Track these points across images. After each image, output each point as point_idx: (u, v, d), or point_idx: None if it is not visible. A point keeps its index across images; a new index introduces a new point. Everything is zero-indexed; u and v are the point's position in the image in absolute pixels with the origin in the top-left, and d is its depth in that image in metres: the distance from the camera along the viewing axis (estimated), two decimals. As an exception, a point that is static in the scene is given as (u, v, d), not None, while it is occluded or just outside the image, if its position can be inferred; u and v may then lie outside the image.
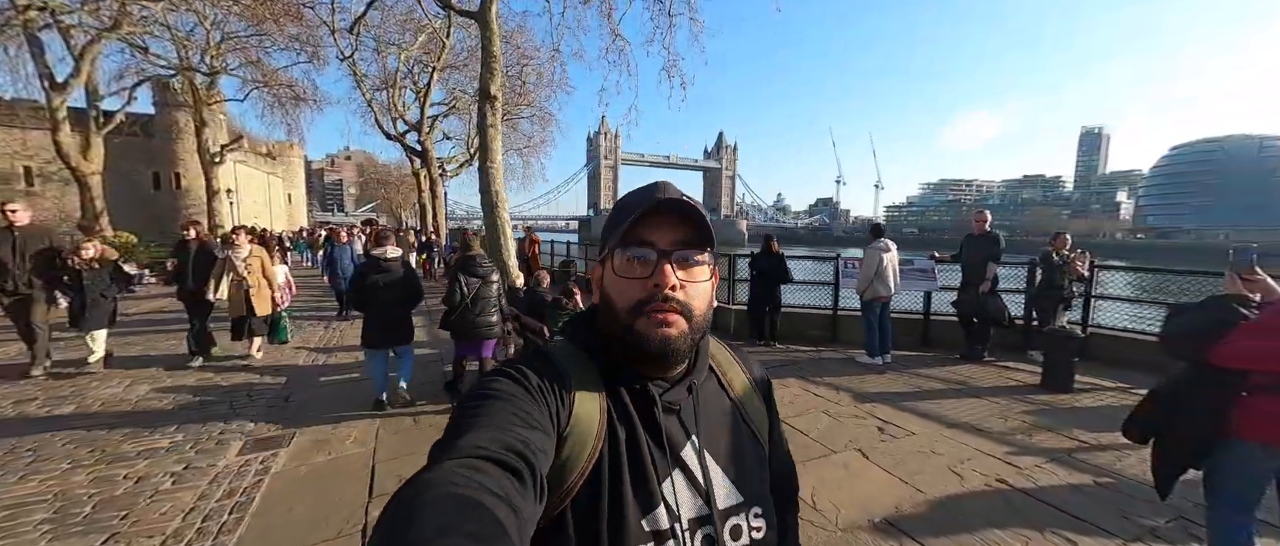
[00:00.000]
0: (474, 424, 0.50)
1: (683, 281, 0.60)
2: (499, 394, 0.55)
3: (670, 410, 0.63)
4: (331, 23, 16.23)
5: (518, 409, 0.53)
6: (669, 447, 0.61)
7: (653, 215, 0.60)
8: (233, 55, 21.07)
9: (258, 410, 4.33)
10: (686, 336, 0.60)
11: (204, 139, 23.46)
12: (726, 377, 0.73)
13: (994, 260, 5.46)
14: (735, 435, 0.68)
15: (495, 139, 9.27)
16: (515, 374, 0.58)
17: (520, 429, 0.51)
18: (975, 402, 4.24)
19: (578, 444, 0.57)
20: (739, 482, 0.64)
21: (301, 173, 57.96)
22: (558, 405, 0.57)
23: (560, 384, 0.59)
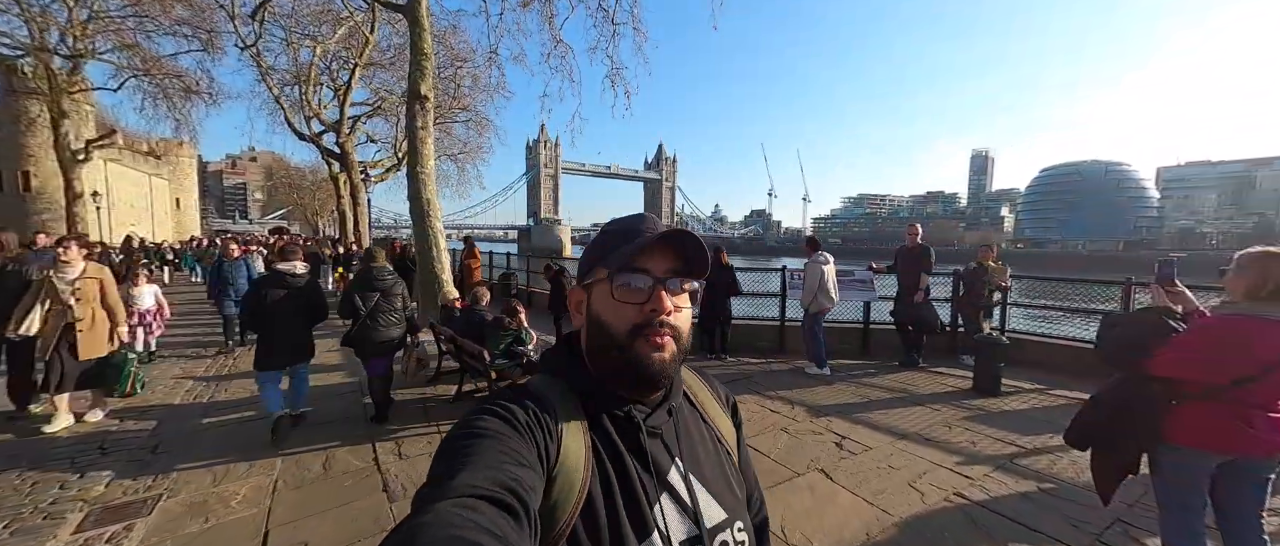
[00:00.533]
0: (464, 462, 0.49)
1: (674, 307, 0.62)
2: (486, 431, 0.54)
3: (654, 434, 0.64)
4: (231, 8, 14.45)
5: (507, 446, 0.52)
6: (656, 471, 0.61)
7: (650, 244, 0.62)
8: (103, 37, 18.13)
9: (115, 466, 3.47)
10: (676, 359, 0.63)
11: (62, 132, 19.85)
12: (697, 399, 0.76)
13: (926, 271, 5.77)
14: (713, 453, 0.70)
15: (427, 142, 8.58)
16: (501, 411, 0.57)
17: (511, 467, 0.50)
18: (919, 411, 4.37)
19: (568, 479, 0.56)
20: (722, 499, 0.66)
21: (194, 174, 51.22)
22: (546, 441, 0.56)
23: (547, 419, 0.58)
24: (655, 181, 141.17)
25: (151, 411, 4.56)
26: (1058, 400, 4.64)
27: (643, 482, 0.60)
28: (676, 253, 0.64)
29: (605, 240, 0.67)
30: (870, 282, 6.41)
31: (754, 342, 6.83)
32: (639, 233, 0.64)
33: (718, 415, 0.77)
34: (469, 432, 0.54)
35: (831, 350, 6.44)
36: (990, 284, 5.73)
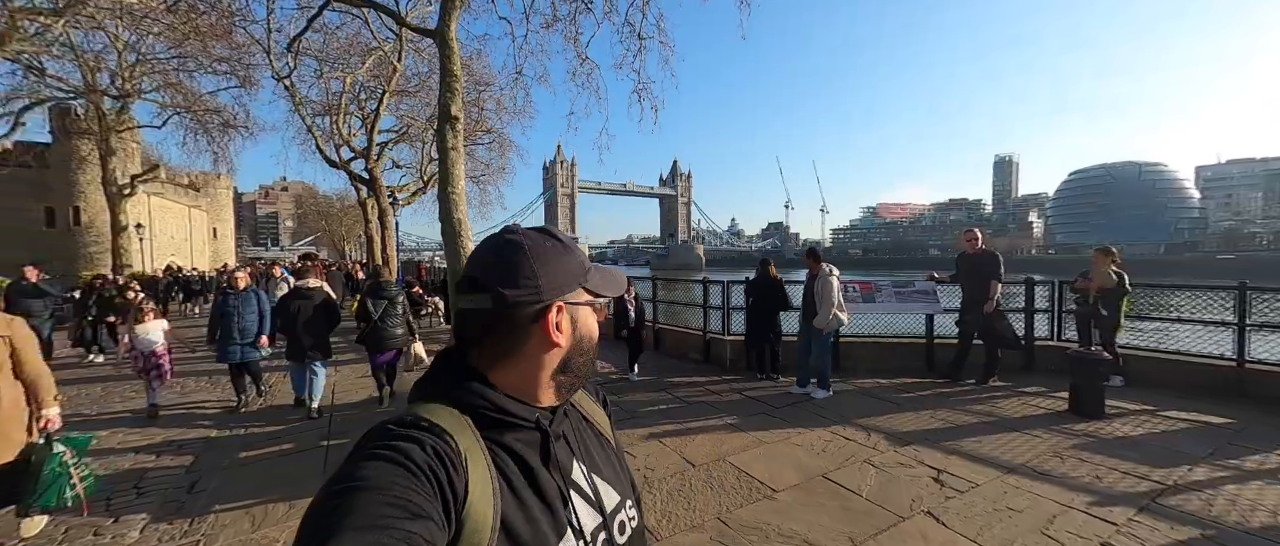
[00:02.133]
0: (342, 527, 0.42)
1: None
2: (368, 483, 0.47)
3: (557, 438, 0.65)
4: (267, 43, 14.97)
5: (395, 498, 0.46)
6: (562, 473, 0.63)
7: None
8: (149, 78, 19.06)
9: (150, 508, 3.27)
10: None
11: (111, 169, 20.83)
12: (576, 396, 0.76)
13: (995, 278, 5.29)
14: (598, 443, 0.74)
15: (457, 163, 8.49)
16: (388, 452, 0.50)
17: (402, 523, 0.44)
18: (1017, 438, 3.88)
19: (480, 515, 0.52)
20: (614, 484, 0.70)
21: (230, 205, 53.32)
22: (449, 478, 0.52)
23: (450, 454, 0.53)
24: (671, 197, 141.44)
25: (188, 445, 4.40)
26: (1175, 423, 4.10)
27: (553, 488, 0.61)
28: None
29: (573, 259, 0.66)
30: (933, 293, 5.95)
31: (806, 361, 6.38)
32: (569, 249, 0.66)
33: (592, 407, 0.79)
34: (347, 486, 0.47)
35: (896, 368, 6.00)
36: (1117, 295, 5.06)
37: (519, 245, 0.63)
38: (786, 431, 4.19)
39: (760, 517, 2.90)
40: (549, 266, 0.64)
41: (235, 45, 16.50)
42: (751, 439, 4.07)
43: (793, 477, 3.35)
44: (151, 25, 15.50)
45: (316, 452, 4.15)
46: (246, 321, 5.13)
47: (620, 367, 6.64)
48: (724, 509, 3.01)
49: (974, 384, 5.37)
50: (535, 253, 0.63)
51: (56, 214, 28.71)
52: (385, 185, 19.88)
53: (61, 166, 27.98)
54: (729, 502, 3.08)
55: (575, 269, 0.66)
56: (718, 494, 3.19)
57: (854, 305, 6.14)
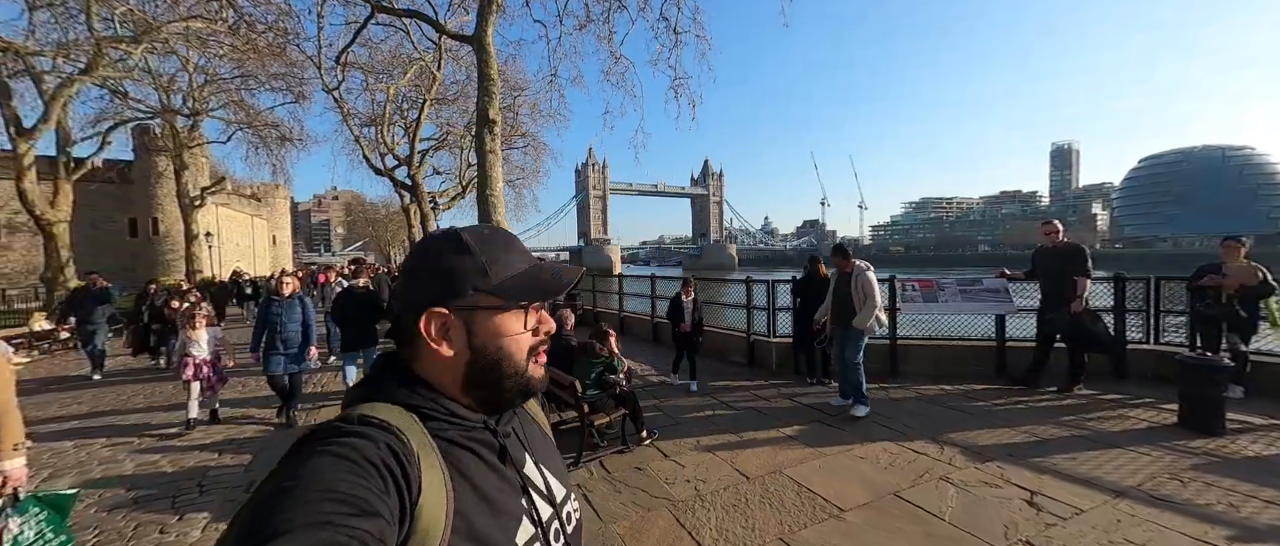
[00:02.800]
0: (283, 523, 0.41)
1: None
2: (315, 479, 0.45)
3: (507, 435, 0.66)
4: (318, 59, 15.75)
5: (342, 494, 0.44)
6: (516, 467, 0.64)
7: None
8: (215, 97, 20.52)
9: (211, 506, 3.35)
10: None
11: (184, 182, 22.59)
12: None
13: (1084, 274, 4.74)
14: (544, 440, 0.76)
15: (495, 165, 8.59)
16: (336, 449, 0.49)
17: (350, 520, 0.43)
18: (1121, 455, 3.42)
19: (432, 512, 0.52)
20: (560, 477, 0.72)
21: (287, 214, 56.85)
22: (404, 473, 0.51)
23: (402, 451, 0.52)
24: (702, 197, 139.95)
25: (247, 444, 4.55)
26: (1317, 442, 3.50)
27: (509, 482, 0.62)
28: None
29: (484, 263, 0.63)
30: (1005, 291, 5.42)
31: (859, 365, 5.98)
32: (521, 262, 0.65)
33: (533, 407, 0.81)
34: (290, 485, 0.44)
35: (961, 373, 5.52)
36: (1259, 293, 4.28)
37: (412, 250, 0.67)
38: (847, 443, 3.88)
39: (828, 540, 2.63)
40: (424, 270, 0.64)
41: (289, 62, 17.46)
42: (808, 451, 3.79)
43: (861, 495, 3.06)
44: (217, 47, 16.63)
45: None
46: (289, 331, 4.81)
47: (665, 373, 6.44)
48: (786, 528, 2.76)
49: (1055, 392, 4.84)
50: (416, 255, 0.66)
51: (138, 224, 31.38)
52: (426, 191, 20.56)
53: (142, 181, 30.59)
54: (791, 521, 2.82)
55: (464, 270, 0.62)
56: (777, 511, 2.94)
57: (912, 305, 5.72)
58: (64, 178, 16.24)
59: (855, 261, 4.68)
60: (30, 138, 14.60)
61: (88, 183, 22.32)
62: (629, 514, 2.99)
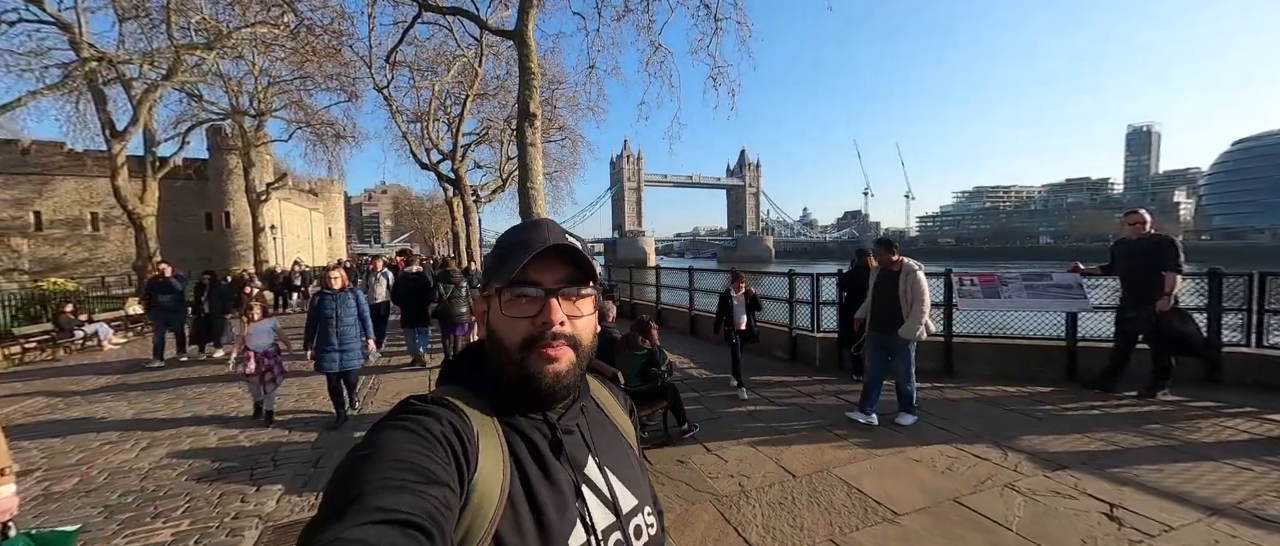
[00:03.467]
0: (365, 487, 0.45)
1: (570, 315, 0.63)
2: (390, 450, 0.50)
3: (569, 431, 0.65)
4: (369, 58, 16.48)
5: (415, 464, 0.49)
6: (573, 466, 0.63)
7: (538, 256, 0.61)
8: (278, 98, 21.91)
9: (284, 479, 3.62)
10: (575, 368, 0.64)
11: (251, 178, 24.35)
12: (598, 396, 0.78)
13: (1174, 270, 4.30)
14: (620, 445, 0.73)
15: (536, 158, 8.71)
16: (407, 424, 0.54)
17: (421, 486, 0.47)
18: (1215, 469, 3.09)
19: (487, 485, 0.55)
20: (632, 487, 0.69)
21: (341, 207, 60.18)
22: (463, 448, 0.55)
23: (463, 429, 0.57)
24: (738, 188, 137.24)
25: (314, 422, 4.87)
26: None
27: (564, 479, 0.61)
28: (568, 260, 0.64)
29: (500, 252, 0.66)
30: (1078, 287, 5.00)
31: (910, 363, 5.71)
32: (530, 243, 0.63)
33: (617, 411, 0.79)
34: (370, 453, 0.50)
35: (1025, 374, 5.16)
36: None
37: None
38: (899, 445, 3.71)
39: (884, 544, 2.53)
40: (487, 262, 0.69)
41: (343, 62, 18.40)
42: (858, 450, 3.65)
43: (917, 499, 2.92)
44: (279, 51, 17.79)
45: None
46: (345, 326, 4.61)
47: (705, 366, 6.39)
48: (837, 529, 2.68)
49: (1135, 397, 4.44)
50: (491, 252, 0.69)
51: (212, 218, 34.12)
52: (468, 184, 21.23)
53: (216, 178, 33.17)
54: (842, 523, 2.73)
55: (492, 263, 0.66)
56: (826, 511, 2.86)
57: (971, 301, 5.38)
58: (150, 175, 17.82)
59: (905, 259, 4.26)
60: (122, 139, 16.10)
61: (170, 179, 24.34)
62: (673, 506, 2.98)
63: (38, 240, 29.74)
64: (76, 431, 4.75)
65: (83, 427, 4.86)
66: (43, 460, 4.09)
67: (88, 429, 4.83)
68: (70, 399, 6.02)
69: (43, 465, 3.98)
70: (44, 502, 3.35)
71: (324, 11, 15.44)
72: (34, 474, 3.80)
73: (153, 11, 15.67)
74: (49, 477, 3.74)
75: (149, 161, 18.21)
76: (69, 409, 5.58)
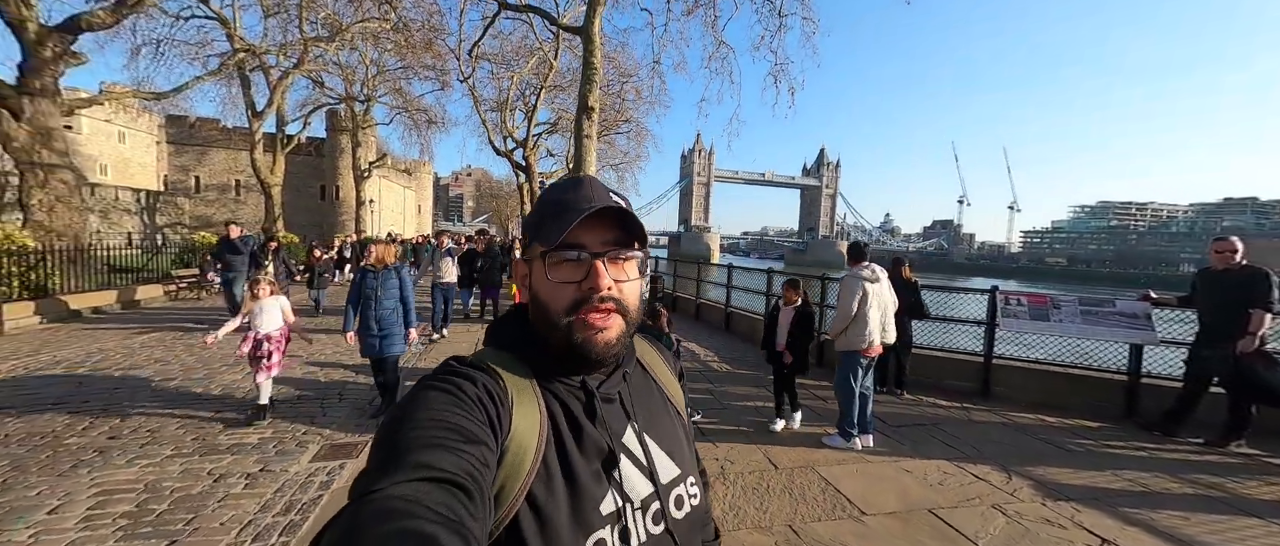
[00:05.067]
0: (407, 445, 0.47)
1: (616, 278, 0.61)
2: (430, 409, 0.52)
3: (609, 399, 0.63)
4: (458, 51, 17.98)
5: (453, 423, 0.50)
6: (611, 435, 0.61)
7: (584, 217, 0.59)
8: (382, 85, 24.53)
9: (343, 413, 4.35)
10: (624, 334, 0.62)
11: (357, 157, 27.53)
12: (647, 360, 0.75)
13: (1264, 307, 3.76)
14: (665, 413, 0.71)
15: (590, 151, 9.20)
16: (445, 385, 0.55)
17: (460, 444, 0.48)
18: (1255, 526, 2.77)
19: (521, 446, 0.55)
20: (675, 456, 0.67)
21: (430, 187, 65.83)
22: (497, 411, 0.55)
23: (498, 391, 0.57)
24: (813, 188, 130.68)
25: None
26: None
27: (599, 446, 0.60)
28: (615, 221, 0.61)
29: (542, 211, 0.64)
30: (1146, 318, 4.49)
31: (942, 380, 5.45)
32: (574, 204, 0.60)
33: (666, 376, 0.76)
34: (411, 411, 0.51)
35: (1078, 406, 4.75)
36: None
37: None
38: (898, 455, 3.67)
39: (838, 536, 2.62)
40: (528, 222, 0.68)
41: (437, 55, 20.21)
42: (850, 455, 3.67)
43: (891, 503, 2.94)
44: (385, 43, 19.95)
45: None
46: (384, 309, 4.11)
47: (728, 361, 6.46)
48: (799, 518, 2.80)
49: (1201, 445, 3.96)
50: (532, 211, 0.69)
51: (325, 190, 38.98)
52: (538, 172, 22.46)
53: (330, 155, 37.80)
54: (806, 513, 2.85)
55: (533, 221, 0.65)
56: (795, 502, 2.97)
57: (1016, 323, 5.01)
58: (279, 150, 20.87)
59: (863, 265, 3.96)
60: (260, 118, 19.03)
61: (294, 155, 28.18)
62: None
63: (196, 200, 35.83)
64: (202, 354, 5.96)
65: (205, 354, 6.08)
66: (180, 372, 5.24)
67: (210, 355, 6.03)
68: (201, 329, 7.50)
69: (179, 376, 5.11)
70: (171, 402, 4.34)
71: (420, 9, 17.04)
72: (174, 380, 4.90)
73: (289, 7, 18.23)
74: (187, 382, 4.81)
75: (279, 138, 21.31)
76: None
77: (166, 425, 3.83)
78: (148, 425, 3.81)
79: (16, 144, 9.32)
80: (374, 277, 4.22)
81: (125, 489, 2.85)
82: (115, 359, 5.71)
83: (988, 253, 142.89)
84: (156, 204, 30.32)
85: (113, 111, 30.20)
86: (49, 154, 9.65)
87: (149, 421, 3.88)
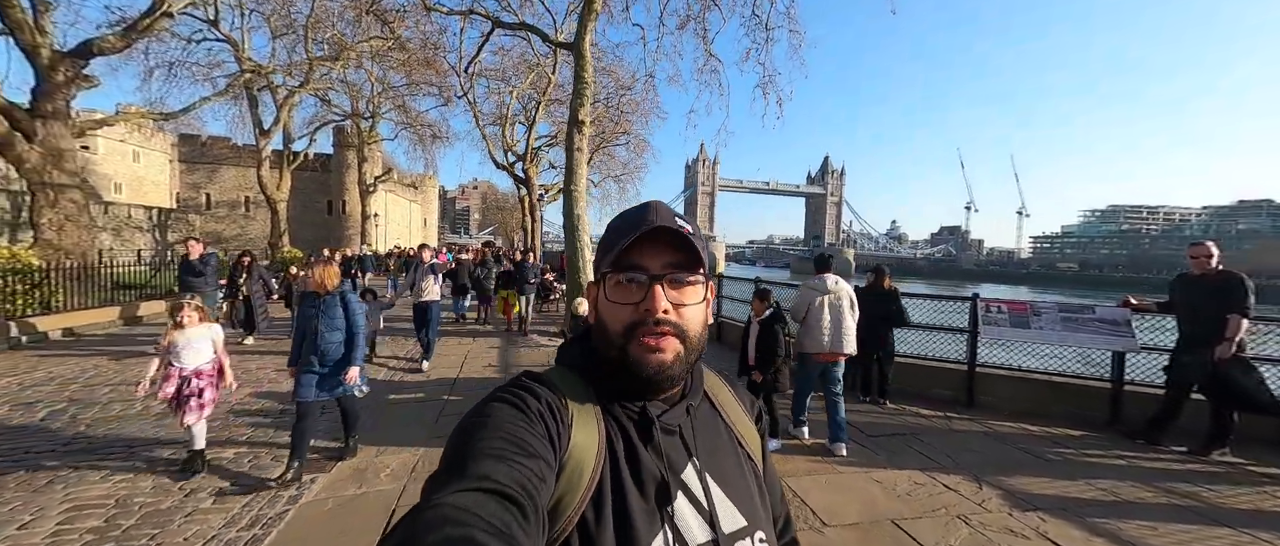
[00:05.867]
0: (471, 454, 0.48)
1: (676, 303, 0.60)
2: (496, 421, 0.53)
3: (669, 431, 0.61)
4: (458, 68, 18.35)
5: (515, 436, 0.51)
6: (669, 466, 0.59)
7: (644, 239, 0.60)
8: (387, 102, 25.04)
9: (321, 426, 4.39)
10: (682, 359, 0.60)
11: (362, 172, 28.03)
12: (719, 399, 0.72)
13: (1240, 313, 3.72)
14: (733, 457, 0.67)
15: (581, 163, 9.30)
16: (511, 398, 0.56)
17: (520, 458, 0.49)
18: (1224, 536, 2.72)
19: (577, 466, 0.55)
20: (741, 505, 0.62)
21: (436, 200, 66.66)
22: (557, 429, 0.55)
23: (558, 408, 0.57)
24: (819, 196, 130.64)
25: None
26: None
27: (656, 479, 0.57)
28: (676, 244, 0.61)
29: (608, 233, 0.65)
30: (1126, 325, 4.45)
31: (928, 389, 5.41)
32: (636, 225, 0.60)
33: (740, 419, 0.72)
34: (478, 422, 0.53)
35: (1061, 415, 4.69)
36: None
37: None
38: (869, 466, 3.65)
39: (795, 548, 2.61)
40: (599, 246, 0.68)
41: (439, 71, 20.64)
42: (822, 463, 3.66)
43: (854, 514, 2.93)
44: (389, 60, 20.43)
45: (438, 403, 5.07)
46: (327, 341, 3.39)
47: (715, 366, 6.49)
48: (759, 529, 2.79)
49: (1184, 453, 3.90)
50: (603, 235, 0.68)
51: (332, 205, 39.64)
52: (537, 184, 22.70)
53: (336, 170, 38.49)
54: (767, 524, 2.84)
55: (603, 245, 0.65)
56: (759, 513, 2.97)
57: (996, 330, 4.98)
58: (285, 167, 21.33)
59: (824, 275, 4.19)
60: (267, 136, 19.49)
61: (300, 171, 28.80)
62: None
63: (207, 216, 36.55)
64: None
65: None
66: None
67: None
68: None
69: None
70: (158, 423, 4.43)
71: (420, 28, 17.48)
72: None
73: (297, 29, 18.76)
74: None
75: (285, 155, 21.79)
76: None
77: (151, 447, 3.90)
78: (138, 445, 3.89)
79: (29, 165, 9.64)
80: (313, 306, 3.48)
81: (98, 504, 2.92)
82: (107, 376, 5.84)
83: (997, 258, 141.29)
84: (168, 221, 30.98)
85: (127, 131, 31.07)
86: (60, 174, 9.97)
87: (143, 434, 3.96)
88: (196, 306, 3.54)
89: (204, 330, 3.51)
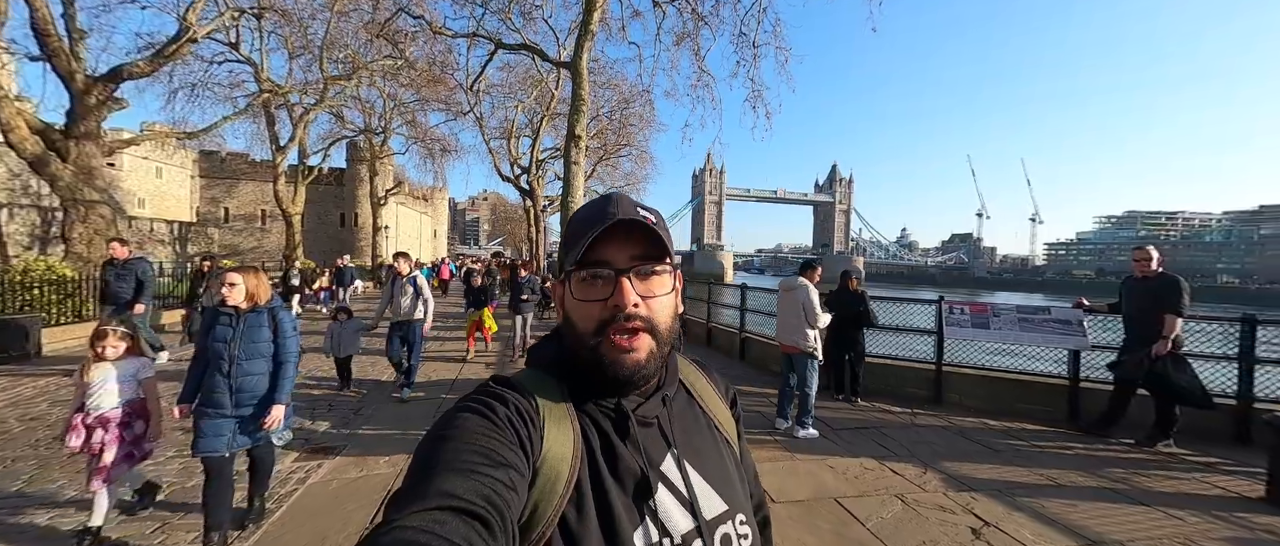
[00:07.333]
0: (435, 470, 0.47)
1: (645, 295, 0.59)
2: (460, 432, 0.51)
3: (646, 424, 0.61)
4: (465, 83, 19.07)
5: (481, 447, 0.50)
6: (648, 460, 0.58)
7: (608, 233, 0.58)
8: (399, 117, 25.90)
9: (332, 417, 4.80)
10: (655, 354, 0.59)
11: (374, 185, 28.89)
12: (695, 388, 0.72)
13: (1174, 312, 3.97)
14: (712, 443, 0.67)
15: (578, 176, 9.74)
16: (478, 406, 0.55)
17: (486, 470, 0.48)
18: (1143, 514, 2.97)
19: (553, 470, 0.54)
20: (721, 490, 0.62)
21: (446, 211, 67.92)
22: (527, 433, 0.54)
23: (528, 412, 0.56)
24: (827, 204, 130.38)
25: (366, 383, 6.16)
26: None
27: (634, 472, 0.57)
28: (642, 236, 0.59)
29: (569, 229, 0.63)
30: (1078, 325, 4.70)
31: (900, 388, 5.66)
32: (598, 219, 0.58)
33: (716, 404, 0.72)
34: (443, 435, 0.52)
35: (1023, 411, 4.93)
36: None
37: None
38: (826, 454, 3.93)
39: (742, 520, 2.91)
40: (561, 242, 0.67)
41: (448, 88, 21.40)
42: (783, 452, 3.95)
43: (801, 494, 3.22)
44: (400, 79, 21.26)
45: (435, 402, 5.43)
46: (246, 375, 2.61)
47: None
48: (713, 506, 3.09)
49: (1132, 445, 4.12)
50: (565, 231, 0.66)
51: (345, 218, 40.69)
52: (542, 196, 23.27)
53: (349, 184, 39.58)
54: (721, 502, 3.14)
55: (566, 239, 0.63)
56: (716, 492, 3.27)
57: (959, 331, 5.25)
58: (300, 181, 22.16)
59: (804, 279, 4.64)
60: (284, 153, 20.34)
61: (315, 185, 29.71)
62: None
63: (225, 230, 37.75)
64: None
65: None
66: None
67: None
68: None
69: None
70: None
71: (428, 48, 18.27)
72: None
73: (313, 49, 19.67)
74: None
75: (300, 169, 22.63)
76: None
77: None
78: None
79: (62, 183, 10.33)
80: (227, 326, 2.61)
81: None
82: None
83: (1011, 266, 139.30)
84: (188, 234, 32.13)
85: (151, 149, 32.41)
86: (90, 191, 10.65)
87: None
88: (125, 334, 2.74)
89: (128, 366, 2.69)
